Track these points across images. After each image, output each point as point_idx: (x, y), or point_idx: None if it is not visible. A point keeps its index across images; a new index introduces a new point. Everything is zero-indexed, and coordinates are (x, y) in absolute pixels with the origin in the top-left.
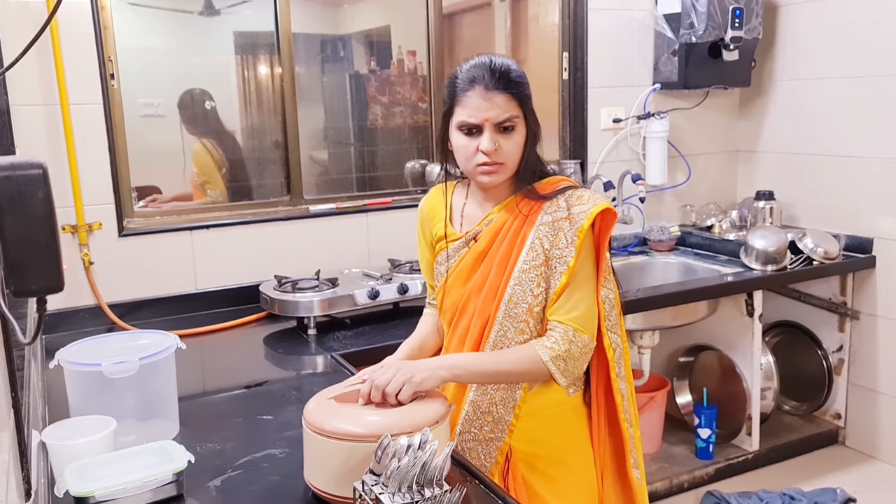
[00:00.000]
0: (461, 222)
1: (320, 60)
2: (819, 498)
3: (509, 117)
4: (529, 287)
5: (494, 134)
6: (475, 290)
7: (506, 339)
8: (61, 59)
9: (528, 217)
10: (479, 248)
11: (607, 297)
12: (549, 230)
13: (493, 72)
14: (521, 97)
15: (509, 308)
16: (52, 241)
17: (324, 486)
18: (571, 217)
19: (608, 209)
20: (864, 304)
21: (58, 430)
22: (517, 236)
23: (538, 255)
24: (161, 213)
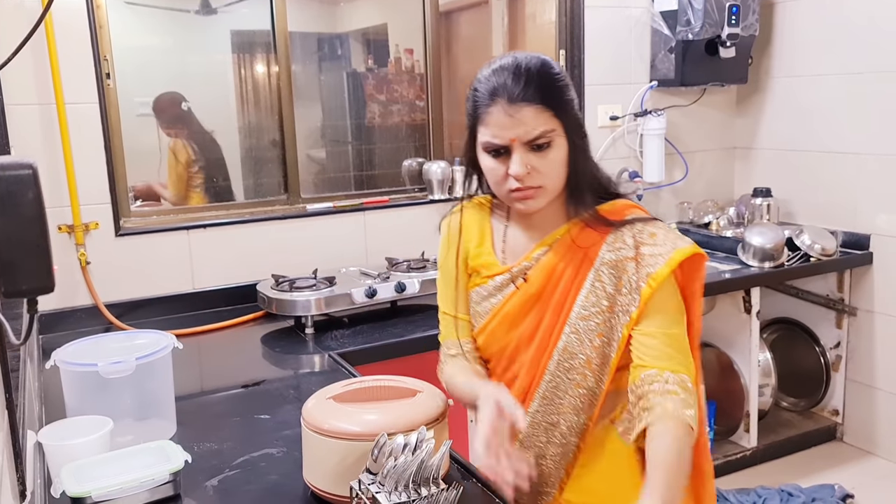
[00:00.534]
0: (503, 250)
1: (317, 59)
2: (817, 494)
3: (541, 133)
4: (588, 337)
5: (526, 154)
6: (525, 338)
7: (559, 392)
8: (56, 58)
9: (587, 253)
10: (531, 290)
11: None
12: (612, 271)
13: (517, 78)
14: (557, 105)
15: (564, 359)
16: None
17: (323, 484)
18: (640, 258)
19: (697, 255)
20: (862, 301)
21: (54, 431)
22: (575, 276)
23: (600, 300)
24: (158, 213)
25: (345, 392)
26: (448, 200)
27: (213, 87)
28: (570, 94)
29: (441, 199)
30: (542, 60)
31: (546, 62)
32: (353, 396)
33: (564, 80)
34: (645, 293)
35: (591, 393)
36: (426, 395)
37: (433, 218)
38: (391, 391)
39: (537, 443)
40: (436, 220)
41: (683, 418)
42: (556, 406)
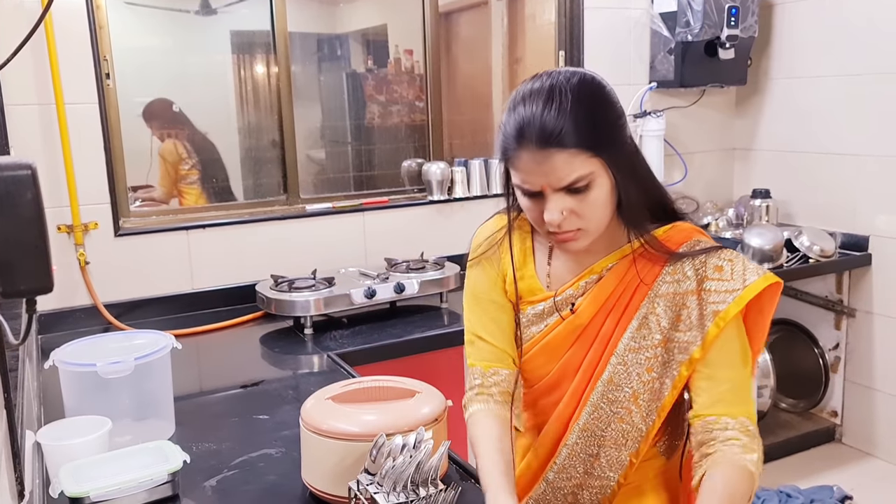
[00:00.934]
0: (548, 273)
1: (317, 59)
2: (816, 495)
3: (576, 179)
4: (636, 371)
5: (561, 198)
6: (570, 367)
7: (602, 423)
8: (56, 59)
9: (641, 281)
10: (579, 321)
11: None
12: (670, 304)
13: (545, 118)
14: (595, 143)
15: (608, 390)
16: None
17: (321, 485)
18: (703, 294)
19: (774, 284)
20: (861, 302)
21: (53, 431)
22: (628, 306)
23: (652, 334)
24: (157, 213)
25: (343, 392)
26: (447, 201)
27: (213, 87)
28: (612, 121)
29: (440, 200)
30: (578, 85)
31: (582, 88)
32: (352, 397)
33: (605, 108)
34: (711, 333)
35: (636, 429)
36: (425, 395)
37: (433, 218)
38: (390, 392)
39: (574, 474)
40: (435, 221)
41: (742, 463)
42: (596, 438)
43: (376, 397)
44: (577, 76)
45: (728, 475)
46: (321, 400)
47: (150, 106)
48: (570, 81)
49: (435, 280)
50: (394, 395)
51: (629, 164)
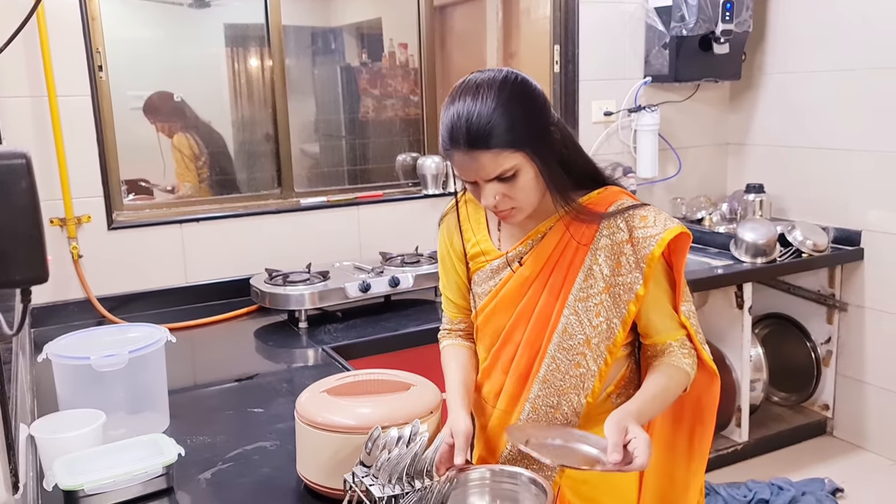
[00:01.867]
0: (498, 237)
1: (311, 53)
2: (807, 488)
3: (502, 172)
4: (587, 317)
5: (493, 185)
6: (522, 317)
7: (558, 373)
8: (48, 50)
9: (582, 238)
10: (526, 273)
11: (691, 311)
12: (609, 254)
13: (469, 131)
14: (516, 140)
15: (563, 339)
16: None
17: (316, 477)
18: (635, 241)
19: (683, 233)
20: (853, 296)
21: (46, 424)
22: (571, 262)
23: (597, 282)
24: (150, 206)
25: (338, 386)
26: (442, 195)
27: (207, 80)
28: (533, 118)
29: (435, 194)
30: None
31: (504, 90)
32: (347, 390)
33: (526, 106)
34: (646, 273)
35: (590, 371)
36: (420, 388)
37: (427, 212)
38: (385, 385)
39: None
40: (430, 214)
41: (679, 364)
42: (556, 388)
43: (371, 390)
44: (502, 76)
45: (667, 370)
46: (316, 393)
47: (150, 100)
48: (494, 83)
49: (429, 274)
50: (389, 388)
51: (552, 152)
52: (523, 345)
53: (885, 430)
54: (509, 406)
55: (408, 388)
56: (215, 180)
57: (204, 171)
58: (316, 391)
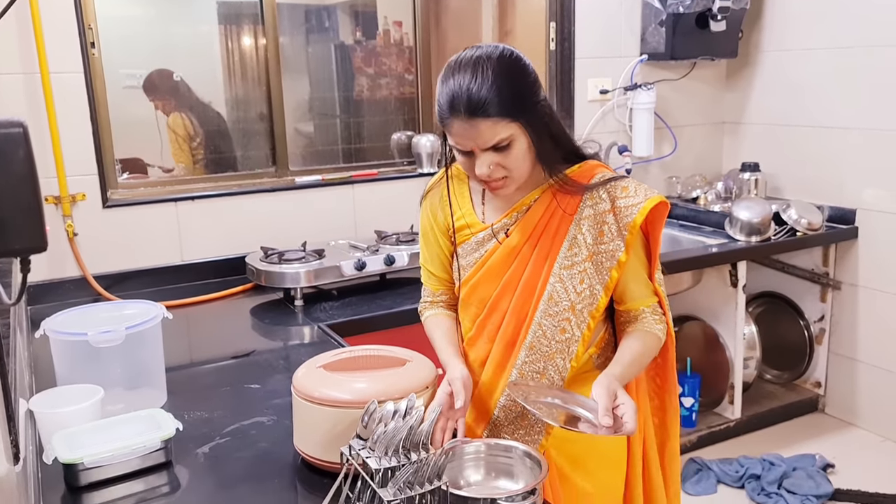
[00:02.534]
0: (483, 210)
1: (305, 31)
2: (798, 463)
3: (498, 141)
4: (572, 284)
5: (488, 155)
6: (509, 286)
7: (544, 339)
8: (40, 26)
9: (566, 209)
10: (512, 243)
11: (661, 280)
12: (592, 224)
13: (470, 94)
14: (513, 110)
15: (549, 307)
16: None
17: (313, 451)
18: (617, 210)
19: (661, 202)
20: (846, 275)
21: (45, 399)
22: (556, 231)
23: (581, 251)
24: (145, 185)
25: (335, 361)
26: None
27: (200, 58)
28: (527, 91)
29: (430, 173)
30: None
31: (501, 64)
32: (344, 365)
33: (522, 79)
34: (628, 240)
35: (574, 337)
36: (415, 364)
37: (422, 191)
38: (381, 360)
39: None
40: None
41: (652, 330)
42: (542, 354)
43: (367, 366)
44: (499, 51)
45: (641, 336)
46: (312, 368)
47: (150, 77)
48: (492, 57)
49: None
50: (385, 364)
51: (543, 125)
52: (510, 313)
53: (875, 408)
54: (495, 374)
55: (403, 363)
56: (211, 159)
57: (199, 152)
58: (312, 366)
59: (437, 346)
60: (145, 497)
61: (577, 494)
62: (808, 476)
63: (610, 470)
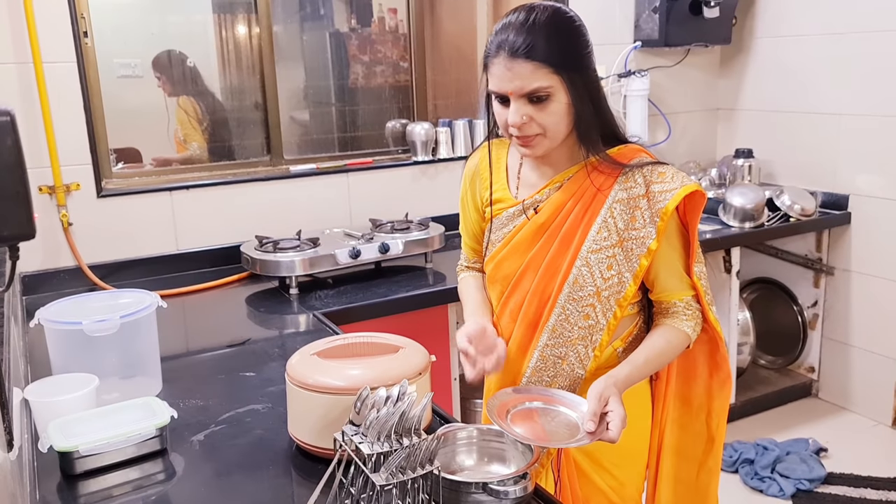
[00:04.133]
0: (517, 185)
1: (299, 19)
2: (792, 448)
3: (536, 88)
4: (599, 269)
5: (523, 105)
6: (533, 265)
7: (567, 324)
8: (33, 16)
9: (599, 190)
10: (540, 220)
11: (702, 272)
12: (624, 208)
13: (519, 34)
14: (558, 62)
15: (574, 290)
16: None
17: (307, 437)
18: (651, 195)
19: (698, 191)
20: (839, 260)
21: (40, 388)
22: (585, 212)
23: (611, 235)
24: (140, 174)
25: (329, 348)
26: (432, 162)
27: (195, 47)
28: (576, 49)
29: (425, 161)
30: (552, 14)
31: (556, 16)
32: (338, 352)
33: (572, 36)
34: (660, 227)
35: (598, 324)
36: (409, 350)
37: (417, 179)
38: (375, 347)
39: (545, 377)
40: (419, 181)
41: (680, 327)
42: (564, 338)
43: (361, 353)
44: (555, 7)
45: (667, 332)
46: (307, 355)
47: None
48: (548, 10)
49: (419, 240)
50: (378, 351)
51: (586, 90)
52: (532, 293)
53: (868, 392)
54: (518, 355)
55: (397, 350)
56: (210, 147)
57: (207, 136)
58: (307, 354)
59: (463, 304)
60: (141, 484)
61: (596, 491)
62: (802, 460)
63: (629, 465)
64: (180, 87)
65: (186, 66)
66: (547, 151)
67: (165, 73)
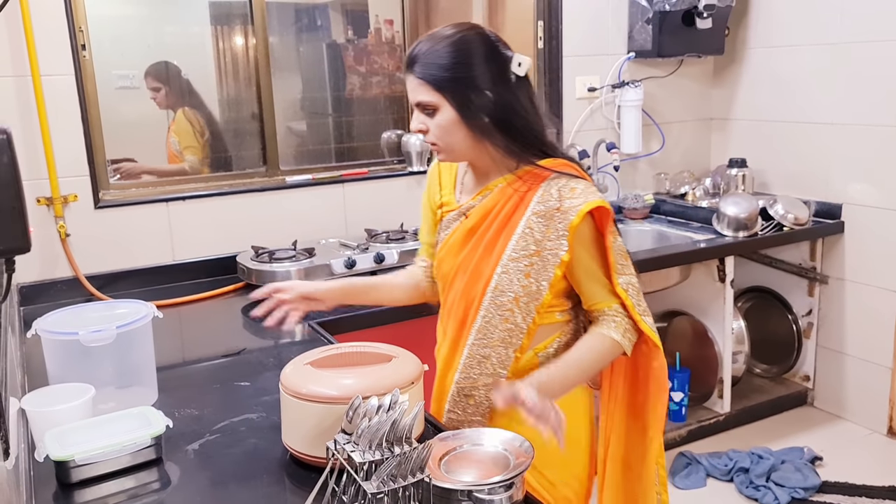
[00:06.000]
0: (461, 191)
1: (296, 30)
2: (786, 456)
3: (420, 102)
4: (517, 276)
5: (419, 114)
6: (462, 267)
7: (490, 326)
8: (31, 29)
9: (521, 201)
10: (469, 225)
11: (630, 284)
12: (542, 220)
13: (410, 54)
14: (437, 82)
15: (496, 295)
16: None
17: (301, 447)
18: (562, 210)
19: (600, 207)
20: (833, 269)
21: (37, 398)
22: (507, 221)
23: (529, 245)
24: (137, 185)
25: (322, 358)
26: (426, 172)
27: (193, 58)
28: (465, 70)
29: (420, 171)
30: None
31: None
32: (331, 362)
33: (466, 59)
34: (569, 240)
35: (518, 328)
36: (401, 360)
37: (412, 189)
38: (368, 357)
39: (472, 374)
40: (415, 191)
41: (607, 333)
42: (488, 339)
43: (354, 362)
44: (465, 28)
45: (590, 337)
46: (300, 365)
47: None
48: (453, 30)
49: (414, 250)
50: (371, 360)
51: (481, 108)
52: (461, 294)
53: (863, 401)
54: (451, 351)
55: (389, 359)
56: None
57: (207, 148)
58: (300, 363)
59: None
60: (136, 493)
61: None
62: (796, 469)
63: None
64: (175, 100)
65: (182, 79)
66: (452, 158)
67: (163, 84)
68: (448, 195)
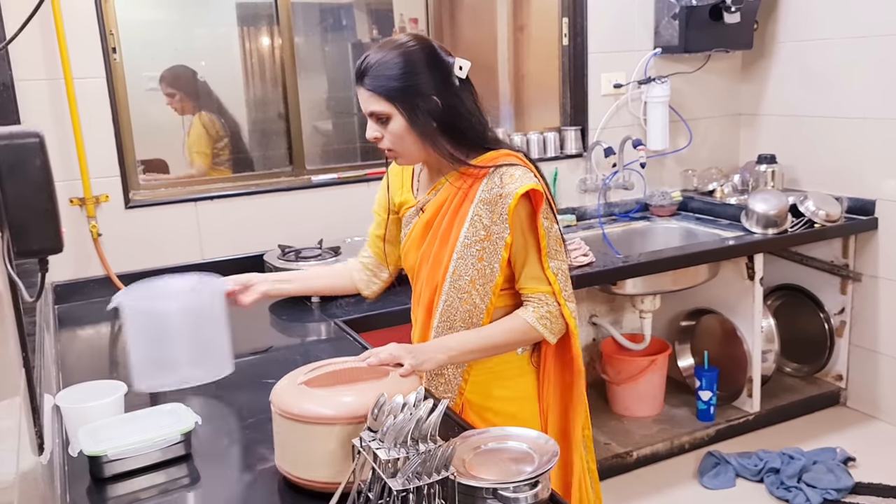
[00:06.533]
0: (417, 189)
1: (321, 30)
2: (818, 457)
3: (372, 112)
4: (471, 261)
5: (373, 123)
6: (425, 257)
7: (452, 309)
8: (63, 33)
9: (467, 193)
10: (425, 219)
11: (560, 269)
12: (487, 206)
13: (359, 68)
14: (386, 92)
15: (454, 280)
16: (50, 205)
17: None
18: (503, 195)
19: (534, 189)
20: (867, 266)
21: (71, 395)
22: (457, 212)
23: (478, 231)
24: (166, 185)
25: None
26: None
27: (220, 60)
28: (413, 83)
29: None
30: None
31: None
32: (324, 380)
33: (413, 71)
34: (509, 222)
35: (477, 308)
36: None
37: None
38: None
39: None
40: None
41: (524, 316)
42: (452, 321)
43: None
44: (409, 39)
45: (505, 322)
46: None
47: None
48: (402, 44)
49: None
50: (368, 376)
51: (429, 114)
52: (425, 282)
53: None
54: (424, 333)
55: (387, 374)
56: (230, 159)
57: (224, 153)
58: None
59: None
60: (167, 488)
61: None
62: (828, 470)
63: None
64: (191, 105)
65: (199, 83)
66: (408, 162)
67: (176, 87)
68: (406, 193)
